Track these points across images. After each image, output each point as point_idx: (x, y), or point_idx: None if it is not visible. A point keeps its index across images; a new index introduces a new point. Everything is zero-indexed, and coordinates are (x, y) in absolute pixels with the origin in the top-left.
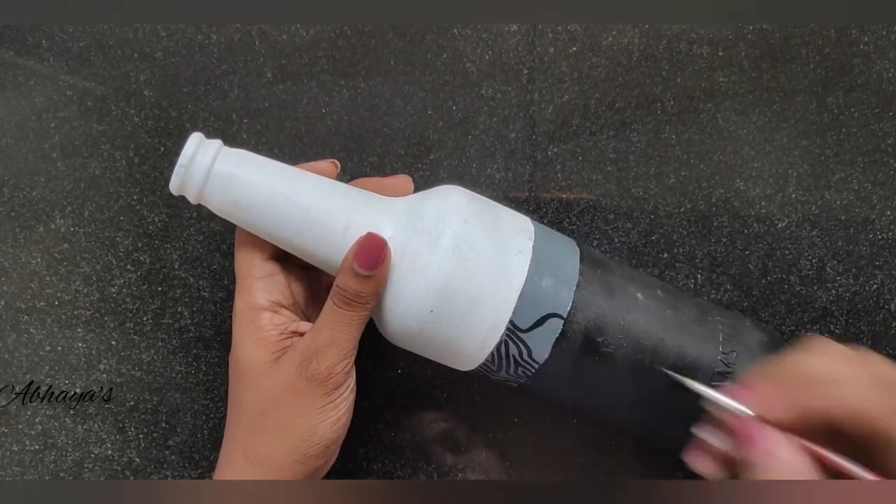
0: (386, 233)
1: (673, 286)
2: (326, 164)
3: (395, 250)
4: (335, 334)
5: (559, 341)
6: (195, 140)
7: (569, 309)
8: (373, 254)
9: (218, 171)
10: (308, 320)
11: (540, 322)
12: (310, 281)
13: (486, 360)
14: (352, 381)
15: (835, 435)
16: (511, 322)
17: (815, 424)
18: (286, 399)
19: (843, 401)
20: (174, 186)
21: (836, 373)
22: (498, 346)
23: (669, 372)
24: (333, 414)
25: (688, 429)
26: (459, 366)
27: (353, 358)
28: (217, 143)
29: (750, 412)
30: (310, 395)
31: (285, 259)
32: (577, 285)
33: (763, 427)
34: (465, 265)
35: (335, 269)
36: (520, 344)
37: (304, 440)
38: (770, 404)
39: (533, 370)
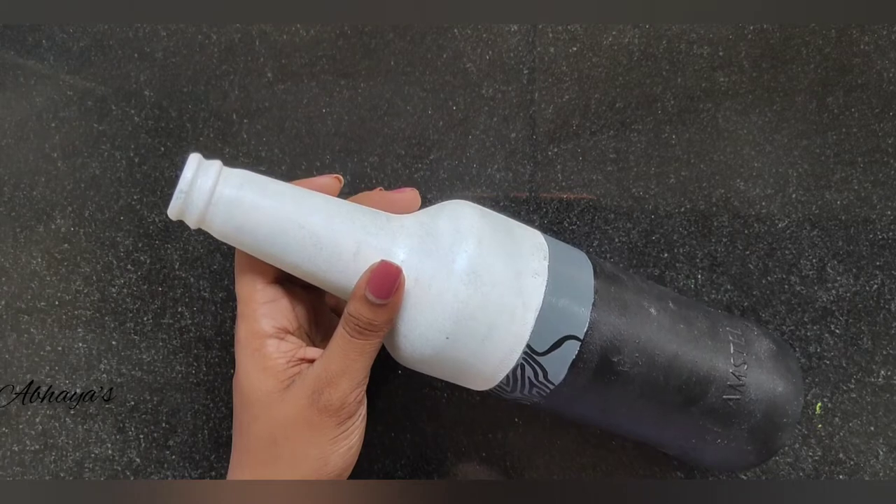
0: (398, 256)
1: (680, 294)
2: (329, 179)
3: (409, 275)
4: (347, 363)
5: (576, 362)
6: (194, 162)
7: (585, 330)
8: (387, 282)
9: (220, 196)
10: (312, 343)
11: (557, 345)
12: (313, 302)
13: (501, 382)
14: (363, 409)
15: None
16: (528, 346)
17: None
18: (297, 429)
19: None
20: (173, 212)
21: None
22: (514, 370)
23: None
24: (346, 443)
25: (700, 442)
26: (474, 386)
27: (365, 386)
28: (217, 164)
29: None
30: (322, 426)
31: (288, 282)
32: (594, 305)
33: None
34: (481, 290)
35: (345, 293)
36: (536, 367)
37: (316, 470)
38: None
39: (548, 391)
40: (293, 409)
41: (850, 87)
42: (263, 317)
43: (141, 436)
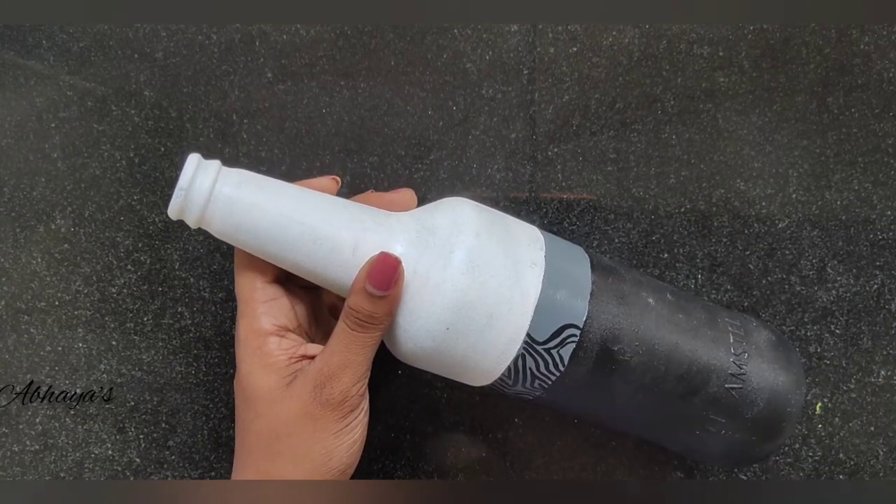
0: (396, 250)
1: (678, 288)
2: (327, 180)
3: (407, 268)
4: (349, 357)
5: (576, 352)
6: (193, 161)
7: (584, 319)
8: (386, 274)
9: (219, 194)
10: (312, 341)
11: (557, 334)
12: (312, 302)
13: (503, 374)
14: (366, 403)
15: None
16: (528, 335)
17: None
18: (300, 425)
19: None
20: (173, 211)
21: None
22: (515, 360)
23: None
24: (349, 437)
25: (704, 434)
26: (475, 381)
27: (367, 380)
28: (216, 163)
29: None
30: (325, 421)
31: (287, 280)
32: (591, 294)
33: None
34: (480, 280)
35: (344, 290)
36: (537, 357)
37: (320, 466)
38: None
39: (550, 382)
40: (296, 404)
41: (850, 87)
42: (264, 315)
43: (141, 436)
